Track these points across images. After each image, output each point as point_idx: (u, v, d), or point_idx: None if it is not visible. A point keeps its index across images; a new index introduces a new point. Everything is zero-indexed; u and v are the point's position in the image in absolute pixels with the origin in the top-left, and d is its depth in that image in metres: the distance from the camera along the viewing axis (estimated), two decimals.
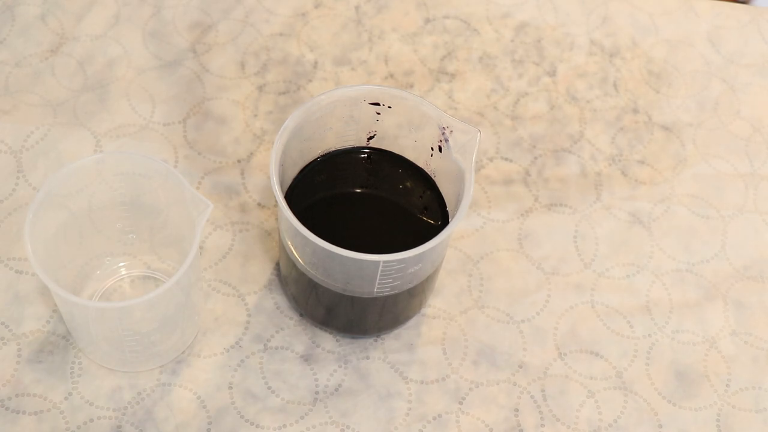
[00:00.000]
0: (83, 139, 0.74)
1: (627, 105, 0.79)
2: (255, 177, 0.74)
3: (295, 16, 0.80)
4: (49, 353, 0.67)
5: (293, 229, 0.60)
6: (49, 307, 0.68)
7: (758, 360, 0.70)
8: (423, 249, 0.60)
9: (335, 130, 0.67)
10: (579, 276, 0.72)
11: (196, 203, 0.60)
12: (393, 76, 0.78)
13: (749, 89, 0.81)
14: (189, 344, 0.68)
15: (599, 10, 0.83)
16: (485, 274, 0.72)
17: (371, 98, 0.65)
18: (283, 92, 0.77)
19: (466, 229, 0.73)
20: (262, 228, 0.72)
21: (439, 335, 0.70)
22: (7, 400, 0.65)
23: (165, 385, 0.67)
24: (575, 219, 0.74)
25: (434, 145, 0.65)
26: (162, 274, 0.69)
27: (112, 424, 0.65)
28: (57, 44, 0.77)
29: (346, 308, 0.66)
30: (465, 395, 0.68)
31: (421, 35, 0.80)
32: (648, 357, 0.70)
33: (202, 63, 0.78)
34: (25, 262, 0.69)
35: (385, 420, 0.67)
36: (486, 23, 0.81)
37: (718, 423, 0.68)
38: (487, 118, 0.77)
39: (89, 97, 0.76)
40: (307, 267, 0.64)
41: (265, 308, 0.69)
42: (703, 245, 0.74)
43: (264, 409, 0.66)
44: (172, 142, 0.74)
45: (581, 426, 0.67)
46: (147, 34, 0.79)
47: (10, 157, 0.73)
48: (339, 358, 0.68)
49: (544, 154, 0.76)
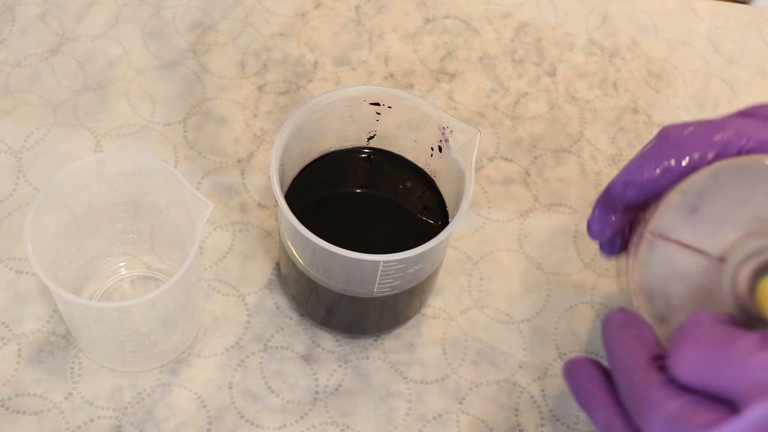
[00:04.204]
0: (83, 139, 0.74)
1: (627, 105, 0.79)
2: (255, 177, 0.74)
3: (295, 16, 0.80)
4: (49, 353, 0.67)
5: (293, 229, 0.60)
6: (49, 307, 0.68)
7: None
8: (423, 249, 0.60)
9: (335, 130, 0.67)
10: (579, 276, 0.72)
11: (196, 203, 0.60)
12: (393, 76, 0.78)
13: (749, 89, 0.81)
14: (189, 344, 0.68)
15: (599, 9, 0.83)
16: (485, 274, 0.72)
17: (371, 98, 0.65)
18: (283, 92, 0.77)
19: (466, 229, 0.73)
20: (262, 228, 0.72)
21: (439, 335, 0.70)
22: (7, 400, 0.65)
23: (165, 385, 0.67)
24: (575, 219, 0.74)
25: (434, 145, 0.65)
26: (162, 274, 0.69)
27: (112, 424, 0.65)
28: (57, 44, 0.77)
29: (346, 308, 0.66)
30: (465, 395, 0.68)
31: (421, 35, 0.80)
32: None
33: (202, 63, 0.78)
34: (25, 262, 0.69)
35: (385, 420, 0.67)
36: (486, 23, 0.81)
37: None
38: (487, 118, 0.77)
39: (89, 97, 0.76)
40: (307, 267, 0.64)
41: (265, 308, 0.69)
42: None
43: (264, 409, 0.66)
44: (172, 142, 0.74)
45: (581, 426, 0.67)
46: (147, 34, 0.79)
47: (10, 157, 0.73)
48: (339, 358, 0.68)
49: (544, 154, 0.76)
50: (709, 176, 0.54)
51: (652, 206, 0.56)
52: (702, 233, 0.53)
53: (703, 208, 0.54)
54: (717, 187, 0.54)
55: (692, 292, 0.54)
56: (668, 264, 0.55)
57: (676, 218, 0.54)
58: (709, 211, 0.54)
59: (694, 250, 0.54)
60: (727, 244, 0.53)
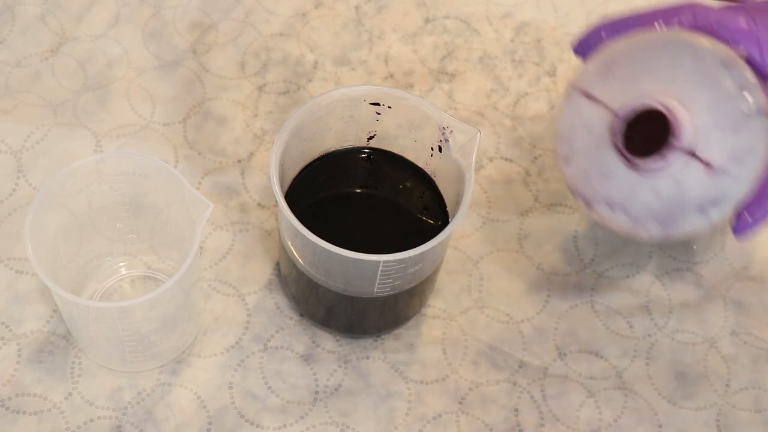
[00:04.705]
0: (83, 139, 0.74)
1: None
2: (255, 177, 0.74)
3: (295, 16, 0.80)
4: (50, 353, 0.67)
5: (293, 229, 0.60)
6: (49, 307, 0.68)
7: (758, 360, 0.70)
8: (423, 249, 0.60)
9: (335, 130, 0.67)
10: (579, 276, 0.72)
11: (196, 203, 0.60)
12: (393, 76, 0.78)
13: None
14: (189, 344, 0.68)
15: (599, 10, 0.83)
16: (485, 274, 0.72)
17: (371, 98, 0.65)
18: (283, 92, 0.77)
19: (466, 229, 0.73)
20: (262, 228, 0.72)
21: (439, 335, 0.70)
22: (7, 400, 0.65)
23: (165, 385, 0.67)
24: (575, 219, 0.74)
25: (434, 145, 0.65)
26: (162, 274, 0.69)
27: (112, 424, 0.65)
28: (57, 44, 0.77)
29: (346, 308, 0.66)
30: (465, 395, 0.68)
31: (421, 35, 0.80)
32: (648, 357, 0.70)
33: (202, 63, 0.78)
34: (25, 262, 0.69)
35: (385, 420, 0.67)
36: (486, 23, 0.81)
37: (718, 423, 0.68)
38: (487, 118, 0.77)
39: (89, 97, 0.76)
40: (307, 267, 0.64)
41: (265, 308, 0.69)
42: (703, 245, 0.74)
43: (264, 409, 0.66)
44: (172, 142, 0.74)
45: (581, 426, 0.67)
46: (147, 34, 0.79)
47: (10, 157, 0.73)
48: (339, 358, 0.68)
49: (544, 154, 0.76)
50: (627, 44, 0.61)
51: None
52: (610, 91, 0.60)
53: (617, 71, 0.60)
54: (630, 55, 0.61)
55: (591, 140, 0.61)
56: (577, 113, 0.61)
57: (594, 77, 0.61)
58: (620, 73, 0.60)
59: (600, 104, 0.60)
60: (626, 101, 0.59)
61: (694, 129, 0.57)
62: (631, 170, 0.59)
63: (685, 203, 0.59)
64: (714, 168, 0.57)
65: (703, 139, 0.57)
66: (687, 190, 0.58)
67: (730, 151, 0.57)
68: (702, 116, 0.57)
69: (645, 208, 0.60)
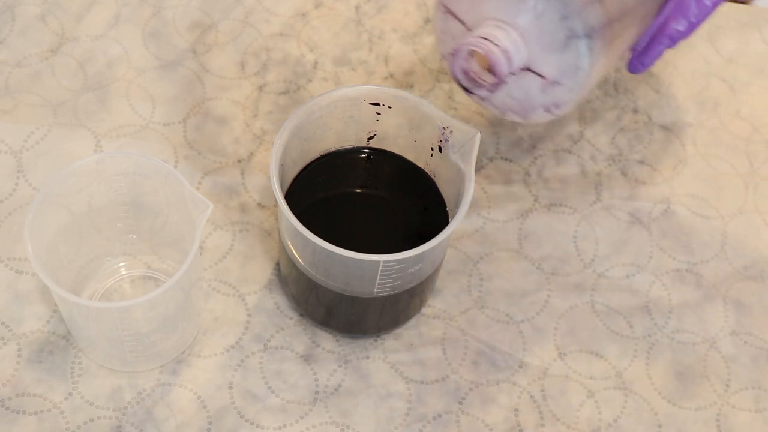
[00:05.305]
0: (83, 139, 0.74)
1: (627, 105, 0.79)
2: (255, 177, 0.74)
3: (295, 16, 0.80)
4: (50, 353, 0.67)
5: (293, 229, 0.60)
6: (49, 307, 0.68)
7: (758, 360, 0.70)
8: (423, 249, 0.60)
9: (335, 130, 0.67)
10: (579, 276, 0.72)
11: (196, 203, 0.60)
12: (393, 76, 0.78)
13: (749, 89, 0.81)
14: (189, 344, 0.68)
15: None
16: (485, 274, 0.72)
17: (371, 98, 0.65)
18: (283, 92, 0.77)
19: (466, 229, 0.73)
20: (262, 228, 0.72)
21: (439, 335, 0.70)
22: (7, 400, 0.65)
23: (165, 385, 0.67)
24: (575, 219, 0.74)
25: (434, 145, 0.65)
26: (162, 274, 0.69)
27: (112, 424, 0.65)
28: (57, 44, 0.77)
29: (346, 308, 0.66)
30: (465, 395, 0.68)
31: (421, 35, 0.80)
32: (648, 357, 0.70)
33: (202, 63, 0.78)
34: (25, 262, 0.69)
35: (385, 420, 0.67)
36: None
37: (718, 423, 0.68)
38: (487, 118, 0.77)
39: (89, 97, 0.76)
40: (307, 267, 0.64)
41: (265, 308, 0.69)
42: (703, 245, 0.74)
43: (264, 409, 0.66)
44: (172, 142, 0.74)
45: (581, 426, 0.67)
46: (147, 34, 0.79)
47: (10, 157, 0.73)
48: (339, 358, 0.68)
49: (544, 154, 0.76)
50: None
51: None
52: (468, 10, 0.65)
53: None
54: None
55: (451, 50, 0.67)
56: (445, 24, 0.67)
57: None
58: None
59: (458, 20, 0.66)
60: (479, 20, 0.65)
61: (523, 50, 0.64)
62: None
63: (533, 104, 0.66)
64: (548, 79, 0.64)
65: (537, 55, 0.64)
66: (532, 94, 0.65)
67: (559, 67, 0.64)
68: (532, 37, 0.63)
69: (504, 104, 0.67)
